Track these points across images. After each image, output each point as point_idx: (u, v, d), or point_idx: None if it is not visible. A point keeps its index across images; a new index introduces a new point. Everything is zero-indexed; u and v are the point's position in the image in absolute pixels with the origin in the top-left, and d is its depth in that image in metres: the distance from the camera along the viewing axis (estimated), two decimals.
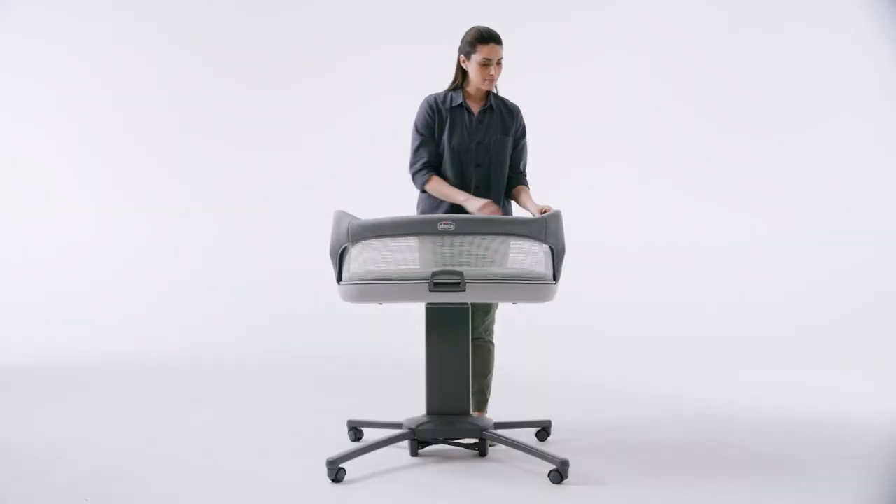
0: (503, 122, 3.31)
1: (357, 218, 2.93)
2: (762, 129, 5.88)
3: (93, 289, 6.21)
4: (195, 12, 6.61)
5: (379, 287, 2.85)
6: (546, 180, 3.60)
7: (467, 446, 3.13)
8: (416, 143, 3.30)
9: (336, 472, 2.82)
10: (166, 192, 6.51)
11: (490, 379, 3.41)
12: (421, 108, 3.32)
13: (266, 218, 6.45)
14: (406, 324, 4.43)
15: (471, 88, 3.30)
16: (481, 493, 2.71)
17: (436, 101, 3.30)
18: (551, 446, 3.25)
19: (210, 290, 6.23)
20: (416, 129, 3.31)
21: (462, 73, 3.31)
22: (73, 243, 6.37)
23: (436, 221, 2.84)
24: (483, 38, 3.20)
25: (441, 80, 3.39)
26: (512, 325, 3.94)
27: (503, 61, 3.25)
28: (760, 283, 5.64)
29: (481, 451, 3.12)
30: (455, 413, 3.08)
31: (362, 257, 2.88)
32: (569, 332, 5.42)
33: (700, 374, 4.69)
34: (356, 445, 3.09)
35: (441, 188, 3.25)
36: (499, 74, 3.26)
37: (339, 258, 2.93)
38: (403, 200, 3.57)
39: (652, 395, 4.26)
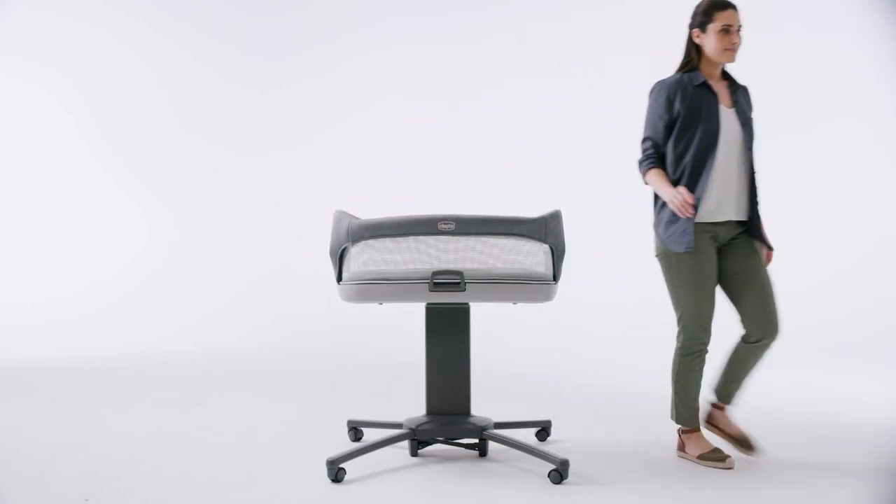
0: (748, 100, 3.20)
1: (357, 218, 2.93)
2: (762, 130, 5.85)
3: (93, 289, 6.21)
4: (196, 13, 6.62)
5: (379, 287, 2.85)
6: (547, 180, 3.60)
7: (467, 446, 3.13)
8: (645, 133, 3.12)
9: (336, 472, 2.82)
10: (167, 193, 6.52)
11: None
12: (655, 97, 3.09)
13: (266, 218, 6.45)
14: (406, 324, 4.43)
15: (706, 66, 3.09)
16: (481, 493, 2.71)
17: (674, 87, 3.04)
18: (551, 446, 3.25)
19: (210, 290, 6.24)
20: (648, 118, 3.11)
21: (696, 50, 3.09)
22: (73, 244, 6.37)
23: (436, 221, 2.84)
24: (719, 5, 3.01)
25: (444, 80, 3.38)
26: (512, 326, 3.93)
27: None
28: None
29: (481, 451, 3.12)
30: (455, 413, 3.08)
31: (362, 257, 2.88)
32: (569, 333, 5.42)
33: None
34: (356, 445, 3.09)
35: (656, 181, 3.10)
36: (739, 45, 3.05)
37: (340, 258, 2.93)
38: (404, 200, 3.57)
39: (652, 395, 4.25)
